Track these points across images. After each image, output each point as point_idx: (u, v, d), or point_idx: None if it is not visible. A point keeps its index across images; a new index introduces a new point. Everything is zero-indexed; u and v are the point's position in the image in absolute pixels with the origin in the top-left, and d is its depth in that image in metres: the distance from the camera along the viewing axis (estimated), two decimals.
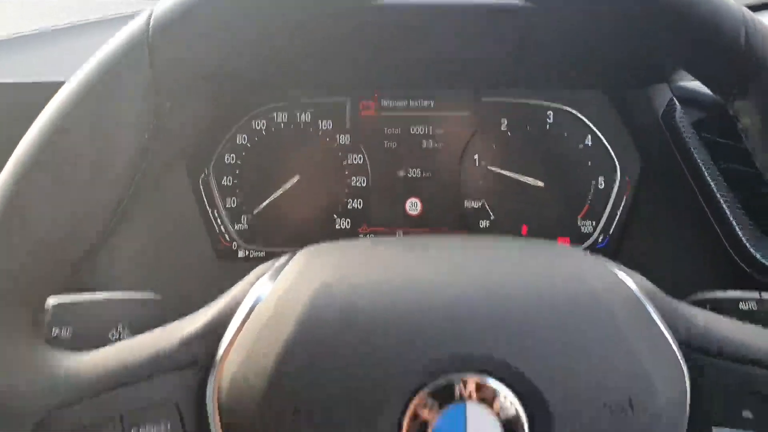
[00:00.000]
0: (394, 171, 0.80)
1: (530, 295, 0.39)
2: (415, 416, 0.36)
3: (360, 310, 0.38)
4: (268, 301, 0.40)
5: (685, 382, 0.39)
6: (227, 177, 0.79)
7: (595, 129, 0.78)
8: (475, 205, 0.80)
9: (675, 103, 0.73)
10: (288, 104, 0.79)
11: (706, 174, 0.72)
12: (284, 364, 0.37)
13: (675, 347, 0.39)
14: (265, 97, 0.79)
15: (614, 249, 0.78)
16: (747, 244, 0.70)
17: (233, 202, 0.79)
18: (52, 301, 0.52)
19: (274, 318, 0.39)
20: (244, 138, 0.79)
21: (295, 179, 0.79)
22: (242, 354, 0.39)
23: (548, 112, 0.78)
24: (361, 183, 0.80)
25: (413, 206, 0.80)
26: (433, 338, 0.37)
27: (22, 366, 0.40)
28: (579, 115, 0.78)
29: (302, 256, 0.43)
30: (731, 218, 0.71)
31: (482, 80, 0.78)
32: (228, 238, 0.79)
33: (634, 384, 0.37)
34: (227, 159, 0.79)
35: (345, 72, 0.75)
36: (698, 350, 0.40)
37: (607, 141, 0.78)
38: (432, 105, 0.80)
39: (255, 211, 0.79)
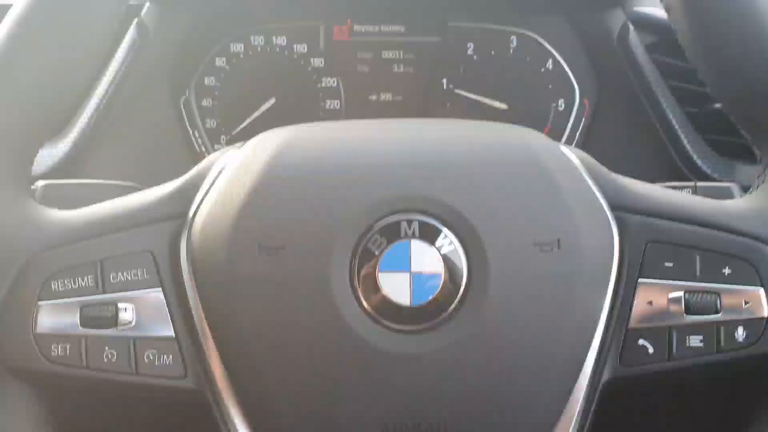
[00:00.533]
0: (366, 95, 0.84)
1: (473, 147, 0.44)
2: (366, 251, 0.41)
3: (317, 161, 0.43)
4: (235, 160, 0.45)
5: (612, 235, 0.44)
6: (207, 98, 0.83)
7: (555, 53, 0.82)
8: None
9: (629, 26, 0.78)
10: (264, 28, 0.83)
11: (657, 93, 0.77)
12: (248, 209, 0.42)
13: (604, 204, 0.44)
14: (242, 20, 0.82)
15: None
16: (692, 154, 0.75)
17: (213, 123, 0.84)
18: (41, 182, 0.56)
19: (239, 174, 0.43)
20: (223, 60, 0.83)
21: (272, 101, 0.83)
22: (211, 206, 0.43)
23: (512, 37, 0.83)
24: (334, 106, 0.84)
25: None
26: (382, 182, 0.42)
27: (9, 212, 0.44)
28: (541, 40, 0.83)
29: (267, 132, 0.47)
30: (679, 131, 0.76)
31: (450, 7, 0.82)
32: None
33: (563, 228, 0.42)
34: (207, 81, 0.83)
35: None
36: (624, 208, 0.44)
37: (566, 65, 0.82)
38: (403, 30, 0.84)
39: (233, 132, 0.83)
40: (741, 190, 0.59)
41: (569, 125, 0.83)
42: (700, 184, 0.60)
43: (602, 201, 0.44)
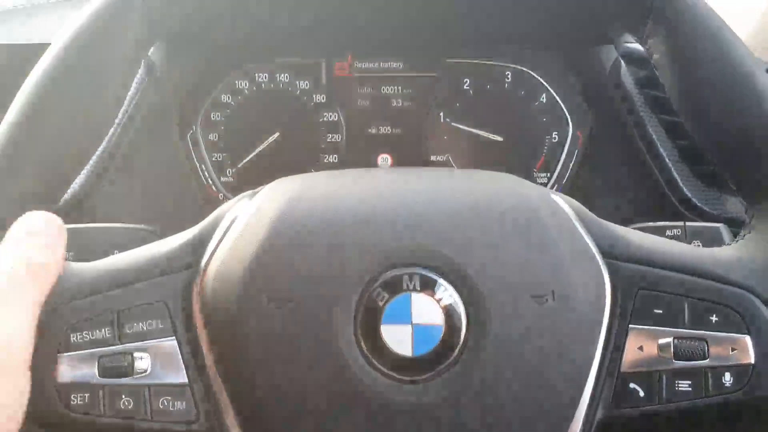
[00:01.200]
0: (366, 128, 0.87)
1: (471, 199, 0.46)
2: (369, 304, 0.43)
3: (323, 216, 0.45)
4: (246, 213, 0.47)
5: (604, 283, 0.46)
6: (213, 133, 0.86)
7: (549, 88, 0.85)
8: (440, 158, 0.87)
9: (620, 62, 0.80)
10: (268, 65, 0.85)
11: (648, 126, 0.80)
12: (258, 262, 0.44)
13: (596, 253, 0.46)
14: (247, 57, 0.85)
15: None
16: (683, 187, 0.78)
17: (219, 157, 0.86)
18: None
19: (250, 226, 0.46)
20: (228, 97, 0.85)
21: (276, 135, 0.86)
22: (223, 257, 0.45)
23: (507, 72, 0.85)
24: (335, 139, 0.87)
25: (384, 161, 0.87)
26: (383, 237, 0.44)
27: None
28: (535, 75, 0.85)
29: (276, 182, 0.50)
30: (669, 164, 0.78)
31: (447, 43, 0.85)
32: (215, 189, 0.86)
33: (558, 279, 0.44)
34: (213, 116, 0.86)
35: (321, 35, 0.82)
36: (616, 257, 0.46)
37: (560, 98, 0.85)
38: (401, 66, 0.86)
39: (239, 165, 0.86)
40: (729, 231, 0.62)
41: (563, 156, 0.86)
42: (689, 224, 0.63)
43: (594, 250, 0.46)
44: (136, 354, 0.45)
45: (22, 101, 0.47)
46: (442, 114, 0.86)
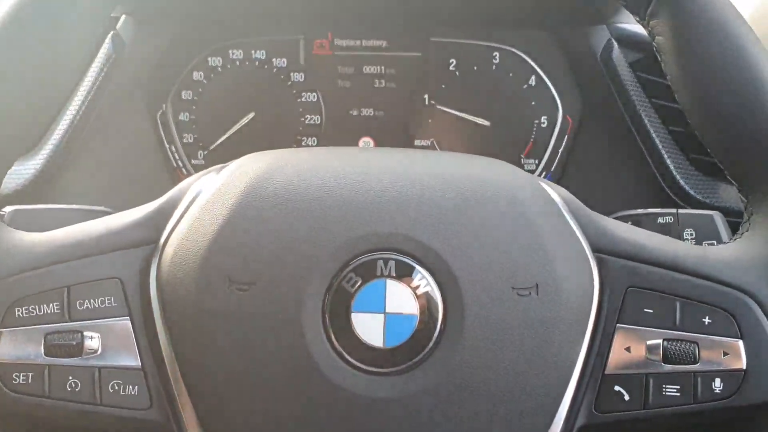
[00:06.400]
0: (347, 110, 0.83)
1: (455, 185, 0.43)
2: (340, 289, 0.40)
3: (295, 193, 0.42)
4: (211, 187, 0.43)
5: (592, 278, 0.43)
6: (184, 113, 0.82)
7: (538, 70, 0.82)
8: (425, 143, 0.83)
9: (612, 43, 0.77)
10: (243, 41, 0.81)
11: (641, 111, 0.76)
12: (220, 240, 0.41)
13: (585, 246, 0.43)
14: (221, 34, 0.81)
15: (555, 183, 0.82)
16: (676, 174, 0.74)
17: (190, 138, 0.82)
18: (9, 208, 0.54)
19: (214, 202, 0.42)
20: (201, 74, 0.81)
21: (250, 116, 0.82)
22: (184, 234, 0.42)
23: (494, 53, 0.82)
24: (314, 121, 0.83)
25: (366, 145, 0.83)
26: (359, 219, 0.41)
27: None
28: (524, 56, 0.82)
29: (246, 157, 0.46)
30: (662, 151, 0.75)
31: (432, 22, 0.81)
32: (185, 172, 0.82)
33: (542, 272, 0.41)
34: (184, 95, 0.82)
35: (299, 11, 0.78)
36: (606, 251, 0.44)
37: (549, 81, 0.82)
38: (384, 45, 0.82)
39: (211, 147, 0.82)
40: (723, 219, 0.59)
41: (552, 142, 0.82)
42: (681, 211, 0.59)
43: (583, 243, 0.43)
44: (86, 333, 0.42)
45: None
46: (427, 96, 0.83)
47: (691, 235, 0.58)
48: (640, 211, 0.60)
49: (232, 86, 0.82)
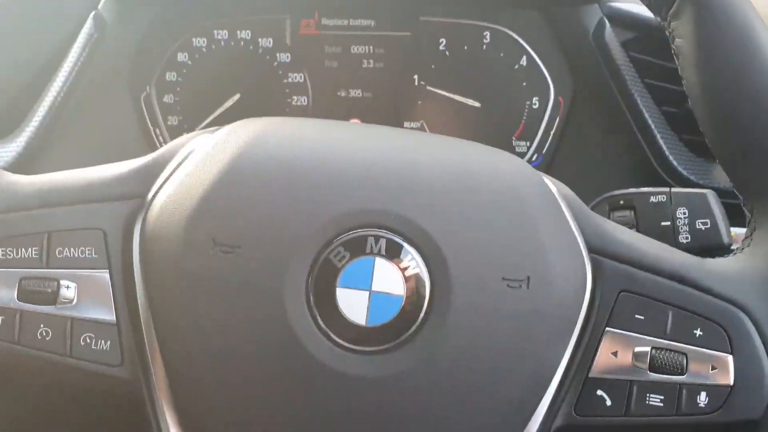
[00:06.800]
0: (334, 91, 0.82)
1: (455, 169, 0.42)
2: (326, 262, 0.39)
3: (289, 159, 0.40)
4: (204, 147, 0.42)
5: (585, 278, 0.42)
6: (168, 95, 0.80)
7: (530, 50, 0.80)
8: (414, 125, 0.82)
9: (605, 22, 0.76)
10: (228, 21, 0.79)
11: (633, 91, 0.75)
12: (208, 200, 0.39)
13: (581, 245, 0.42)
14: (205, 13, 0.79)
15: (547, 167, 0.81)
16: (669, 156, 0.73)
17: (175, 120, 0.80)
18: None
19: (206, 161, 0.41)
20: (185, 55, 0.80)
21: (236, 98, 0.80)
22: (172, 191, 0.41)
23: (485, 33, 0.80)
24: (301, 102, 0.81)
25: None
26: (352, 193, 0.39)
27: None
28: (515, 36, 0.80)
29: (242, 121, 0.45)
30: (655, 132, 0.74)
31: (421, 0, 0.80)
32: None
33: (535, 266, 0.40)
34: (168, 76, 0.80)
35: None
36: (602, 252, 0.43)
37: (541, 62, 0.80)
38: (372, 24, 0.81)
39: (196, 129, 0.80)
40: (717, 198, 0.57)
41: (543, 124, 0.81)
42: (674, 190, 0.58)
43: (580, 242, 0.42)
44: (62, 281, 0.41)
45: None
46: (416, 77, 0.81)
47: (684, 213, 0.57)
48: (632, 190, 0.59)
49: (217, 67, 0.80)
